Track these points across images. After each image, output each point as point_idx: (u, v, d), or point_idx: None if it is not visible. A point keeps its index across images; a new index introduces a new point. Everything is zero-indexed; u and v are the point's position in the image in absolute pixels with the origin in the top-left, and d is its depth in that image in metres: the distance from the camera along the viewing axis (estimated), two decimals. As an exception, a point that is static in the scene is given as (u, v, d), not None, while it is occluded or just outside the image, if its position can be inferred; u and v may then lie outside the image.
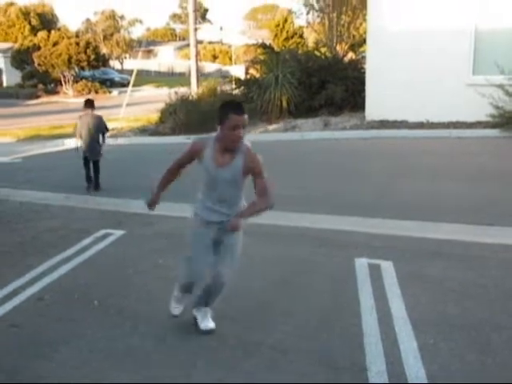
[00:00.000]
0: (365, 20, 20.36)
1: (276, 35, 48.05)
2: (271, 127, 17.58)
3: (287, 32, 48.12)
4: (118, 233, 7.35)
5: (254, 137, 16.24)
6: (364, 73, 17.67)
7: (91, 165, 10.38)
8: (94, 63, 43.55)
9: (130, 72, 31.61)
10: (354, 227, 7.07)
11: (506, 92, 14.11)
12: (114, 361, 4.08)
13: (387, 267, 5.63)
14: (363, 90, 17.13)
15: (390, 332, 4.30)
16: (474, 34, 15.10)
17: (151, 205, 4.47)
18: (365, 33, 19.61)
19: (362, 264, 5.75)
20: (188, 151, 4.23)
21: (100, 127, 10.30)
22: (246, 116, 3.91)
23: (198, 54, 24.15)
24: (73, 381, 3.80)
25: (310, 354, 4.05)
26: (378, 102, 16.24)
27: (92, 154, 10.32)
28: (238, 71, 36.73)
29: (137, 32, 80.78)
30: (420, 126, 15.34)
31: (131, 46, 65.76)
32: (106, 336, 4.47)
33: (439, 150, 12.57)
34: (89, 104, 10.21)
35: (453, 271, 5.51)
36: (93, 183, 10.40)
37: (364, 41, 19.94)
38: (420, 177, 9.83)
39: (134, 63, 47.97)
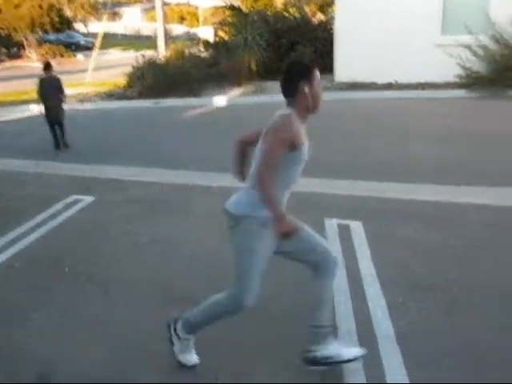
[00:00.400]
0: (333, -20, 20.15)
1: (244, -4, 47.31)
2: (240, 90, 17.46)
3: (256, -7, 47.39)
4: (88, 199, 7.27)
5: (223, 101, 16.14)
6: (333, 34, 17.58)
7: (57, 128, 10.47)
8: (58, 26, 42.52)
9: (96, 35, 30.89)
10: (324, 189, 7.11)
11: (474, 53, 14.20)
12: (85, 326, 4.09)
13: (357, 228, 5.70)
14: (332, 52, 17.07)
15: (359, 290, 4.37)
16: (443, -7, 15.12)
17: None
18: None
19: (331, 224, 5.80)
20: (291, 136, 3.15)
21: (60, 89, 10.52)
22: None
23: (164, 16, 23.71)
24: (44, 346, 3.82)
25: (279, 312, 4.10)
26: (347, 63, 16.21)
27: (57, 116, 10.44)
28: (206, 33, 36.17)
29: (102, -7, 78.38)
30: (389, 87, 15.39)
31: (96, 9, 64.03)
32: (77, 302, 4.46)
33: (408, 112, 12.64)
34: (48, 67, 10.52)
35: (422, 232, 5.59)
36: (61, 144, 10.61)
37: (333, 1, 19.78)
38: (389, 138, 9.89)
39: (99, 26, 46.91)
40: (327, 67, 17.71)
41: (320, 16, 24.07)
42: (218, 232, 5.90)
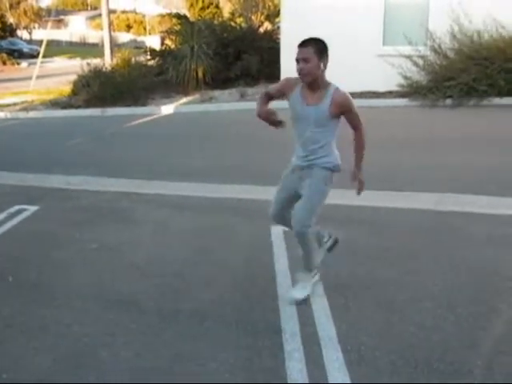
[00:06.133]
0: (279, -10, 20.44)
1: (192, 5, 47.26)
2: (188, 99, 17.49)
3: (203, 1, 47.45)
4: (33, 208, 7.18)
5: (169, 110, 16.14)
6: (279, 43, 17.82)
7: None
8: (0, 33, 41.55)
9: (40, 42, 30.38)
10: (269, 196, 7.19)
11: (414, 63, 14.67)
12: (30, 336, 4.06)
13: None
14: (278, 61, 17.29)
15: (303, 294, 4.47)
16: (384, 6, 15.55)
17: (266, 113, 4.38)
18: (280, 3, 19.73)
19: (277, 231, 5.90)
20: (279, 85, 4.64)
21: None
22: (309, 49, 4.24)
23: (111, 23, 23.54)
24: (-12, 357, 3.78)
25: (226, 319, 4.17)
26: (293, 72, 16.41)
27: None
28: (153, 42, 36.08)
29: (46, 0, 77.05)
30: (333, 95, 15.67)
31: (40, 16, 63.06)
32: (22, 311, 4.42)
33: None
34: None
35: (362, 236, 5.76)
36: None
37: (279, 11, 20.07)
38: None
39: (43, 33, 46.15)
40: (274, 76, 17.92)
41: (267, 25, 24.32)
42: (160, 238, 5.99)
